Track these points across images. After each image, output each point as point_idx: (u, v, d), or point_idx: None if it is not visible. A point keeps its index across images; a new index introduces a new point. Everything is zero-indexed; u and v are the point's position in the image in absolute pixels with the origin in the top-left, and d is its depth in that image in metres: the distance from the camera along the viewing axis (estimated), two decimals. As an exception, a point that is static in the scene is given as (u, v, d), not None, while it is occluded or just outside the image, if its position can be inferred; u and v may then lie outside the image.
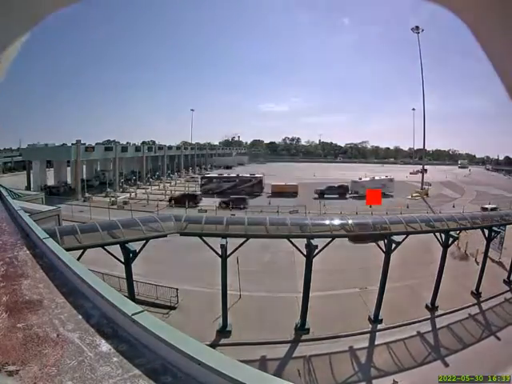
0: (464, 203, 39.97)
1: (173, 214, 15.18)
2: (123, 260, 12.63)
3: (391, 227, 15.12)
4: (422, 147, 63.29)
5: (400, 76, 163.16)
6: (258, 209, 33.22)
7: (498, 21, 1.52)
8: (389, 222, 15.45)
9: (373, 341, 13.90)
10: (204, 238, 13.82)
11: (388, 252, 14.89)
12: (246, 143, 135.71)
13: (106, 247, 12.23)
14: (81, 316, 3.14)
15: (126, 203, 37.12)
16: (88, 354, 2.57)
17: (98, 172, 55.20)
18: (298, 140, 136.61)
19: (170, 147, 70.49)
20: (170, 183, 54.23)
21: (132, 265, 12.82)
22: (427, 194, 47.33)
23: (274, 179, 51.54)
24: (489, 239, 17.93)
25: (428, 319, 15.45)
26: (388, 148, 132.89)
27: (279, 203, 35.20)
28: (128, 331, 2.82)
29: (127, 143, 63.65)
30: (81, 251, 11.10)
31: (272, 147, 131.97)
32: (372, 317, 14.99)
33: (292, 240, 14.08)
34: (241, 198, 37.97)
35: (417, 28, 54.90)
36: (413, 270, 19.03)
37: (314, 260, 14.04)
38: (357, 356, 12.96)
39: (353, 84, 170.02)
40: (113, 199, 38.97)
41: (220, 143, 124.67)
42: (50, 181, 47.03)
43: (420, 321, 15.17)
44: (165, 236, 13.57)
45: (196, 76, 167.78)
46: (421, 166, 59.51)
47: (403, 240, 14.88)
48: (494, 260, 20.49)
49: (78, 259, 8.98)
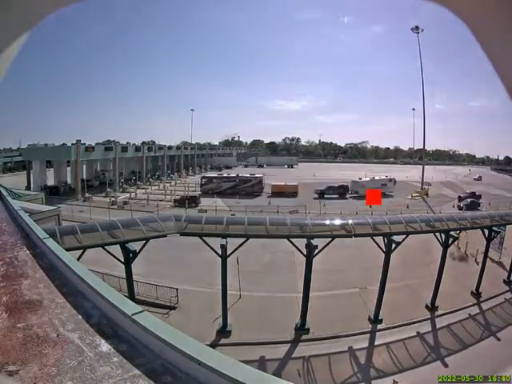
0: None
1: (173, 214, 15.18)
2: (123, 260, 12.64)
3: (391, 227, 15.10)
4: (422, 147, 63.25)
5: (400, 76, 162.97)
6: (258, 209, 33.20)
7: (498, 21, 1.52)
8: (389, 222, 15.43)
9: (373, 341, 13.90)
10: (204, 238, 13.83)
11: (388, 252, 14.90)
12: (246, 143, 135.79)
13: (106, 247, 12.23)
14: (81, 316, 3.14)
15: (126, 203, 37.10)
16: (88, 354, 2.57)
17: (98, 172, 55.17)
18: (298, 140, 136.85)
19: (170, 147, 70.40)
20: (170, 183, 54.21)
21: (132, 265, 12.83)
22: (427, 194, 47.33)
23: (275, 179, 51.53)
24: (489, 239, 17.94)
25: (428, 319, 15.46)
26: (388, 148, 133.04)
27: (279, 203, 35.22)
28: (128, 331, 2.82)
29: (127, 143, 63.56)
30: (81, 251, 11.11)
31: (272, 147, 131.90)
32: (372, 317, 15.00)
33: (292, 240, 14.08)
34: (193, 197, 38.72)
35: (417, 28, 54.88)
36: (413, 270, 19.03)
37: (314, 260, 14.05)
38: (357, 356, 12.96)
39: (359, 83, 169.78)
40: (113, 199, 38.97)
41: (220, 143, 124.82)
42: (50, 181, 47.00)
43: (420, 321, 15.17)
44: (165, 236, 13.57)
45: (196, 75, 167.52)
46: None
47: (403, 240, 14.88)
48: (494, 260, 20.50)
49: (78, 259, 8.98)
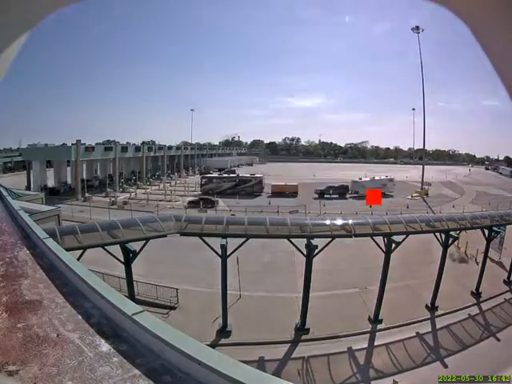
0: (464, 203, 39.99)
1: (173, 214, 15.19)
2: (123, 260, 12.64)
3: (391, 227, 15.11)
4: (422, 147, 63.19)
5: (400, 76, 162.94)
6: (258, 209, 33.20)
7: (498, 21, 1.52)
8: (389, 222, 15.44)
9: (372, 341, 13.90)
10: (204, 238, 13.82)
11: (388, 252, 14.90)
12: (246, 143, 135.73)
13: (106, 247, 12.23)
14: (81, 316, 3.14)
15: (126, 203, 37.08)
16: (88, 354, 2.57)
17: (97, 175, 55.08)
18: (298, 140, 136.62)
19: (170, 147, 70.29)
20: (170, 183, 54.19)
21: (132, 265, 12.83)
22: (427, 194, 47.33)
23: (274, 179, 51.51)
24: (489, 239, 17.94)
25: (428, 319, 15.46)
26: (388, 148, 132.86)
27: (279, 203, 35.21)
28: (128, 331, 2.82)
29: (127, 143, 63.39)
30: (81, 251, 11.11)
31: (272, 147, 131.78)
32: (372, 317, 15.00)
33: (292, 240, 14.08)
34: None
35: (417, 28, 54.94)
36: (413, 270, 19.03)
37: (314, 260, 14.04)
38: (357, 357, 12.96)
39: (359, 83, 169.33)
40: (113, 199, 38.98)
41: (220, 143, 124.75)
42: (50, 181, 47.00)
43: (420, 321, 15.17)
44: (165, 236, 13.56)
45: (197, 74, 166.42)
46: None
47: (403, 240, 14.88)
48: (494, 260, 20.50)
49: (78, 259, 8.97)
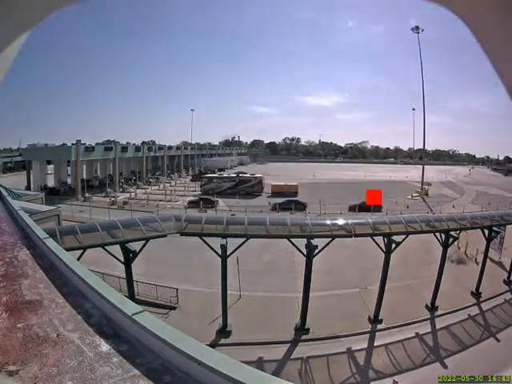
0: (464, 203, 39.99)
1: (173, 214, 15.18)
2: (123, 260, 12.63)
3: (391, 227, 15.10)
4: (422, 147, 63.24)
5: (400, 76, 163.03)
6: (258, 209, 33.20)
7: (498, 21, 1.52)
8: (389, 222, 15.44)
9: (372, 341, 13.89)
10: (204, 238, 13.82)
11: (388, 252, 14.89)
12: (246, 143, 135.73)
13: (106, 247, 12.23)
14: (81, 316, 3.14)
15: (126, 203, 37.10)
16: (88, 354, 2.57)
17: (97, 175, 55.05)
18: (298, 140, 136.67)
19: (170, 147, 70.35)
20: (170, 183, 54.20)
21: (132, 265, 12.83)
22: (427, 194, 47.34)
23: (274, 179, 51.50)
24: (489, 239, 17.93)
25: (428, 319, 15.46)
26: (388, 148, 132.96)
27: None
28: (128, 331, 2.82)
29: (127, 143, 63.43)
30: (81, 251, 11.10)
31: (272, 147, 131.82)
32: (372, 317, 15.00)
33: (292, 240, 14.08)
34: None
35: (417, 28, 54.98)
36: (413, 270, 19.02)
37: (314, 260, 14.04)
38: (357, 357, 12.95)
39: (359, 83, 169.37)
40: (113, 199, 38.99)
41: (220, 143, 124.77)
42: (50, 181, 47.00)
43: (420, 321, 15.17)
44: (165, 236, 13.56)
45: (197, 74, 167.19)
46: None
47: (403, 240, 14.88)
48: (494, 260, 20.50)
49: (78, 259, 8.97)
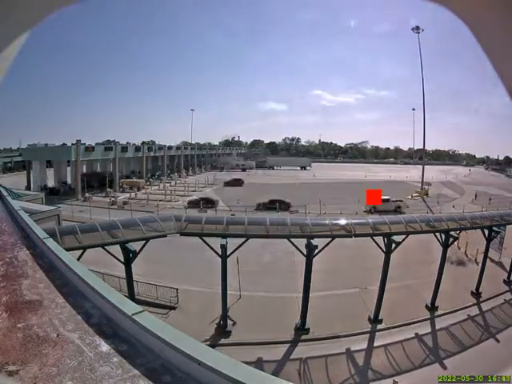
0: (464, 203, 39.98)
1: (173, 214, 15.18)
2: (123, 260, 12.63)
3: (391, 227, 15.09)
4: (422, 147, 63.22)
5: (400, 75, 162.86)
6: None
7: (498, 21, 1.52)
8: (389, 222, 15.42)
9: (372, 341, 13.89)
10: (204, 238, 13.82)
11: (388, 252, 14.89)
12: (246, 143, 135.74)
13: (106, 247, 12.23)
14: (81, 316, 3.14)
15: (126, 203, 37.11)
16: (88, 354, 2.57)
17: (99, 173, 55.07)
18: (298, 140, 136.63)
19: (170, 147, 70.27)
20: (170, 183, 54.20)
21: (132, 265, 12.82)
22: (427, 194, 47.34)
23: (274, 179, 51.55)
24: (489, 239, 17.92)
25: (428, 319, 15.45)
26: (388, 148, 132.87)
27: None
28: (128, 331, 2.82)
29: (127, 143, 63.42)
30: (81, 251, 11.10)
31: (272, 147, 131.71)
32: (372, 317, 14.99)
33: (292, 240, 14.08)
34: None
35: (417, 28, 54.96)
36: (413, 270, 19.01)
37: (314, 260, 14.03)
38: (357, 357, 12.93)
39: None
40: (113, 199, 38.99)
41: (220, 143, 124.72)
42: (50, 181, 46.99)
43: (420, 321, 15.16)
44: (165, 236, 13.56)
45: (197, 74, 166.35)
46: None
47: (403, 240, 14.87)
48: (494, 260, 20.49)
49: (78, 259, 8.97)
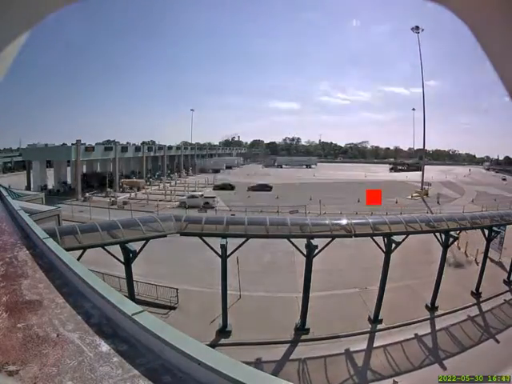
0: (464, 203, 39.99)
1: (173, 214, 15.18)
2: (123, 260, 12.63)
3: (391, 227, 15.09)
4: (422, 147, 63.16)
5: (400, 75, 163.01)
6: (258, 209, 33.20)
7: (498, 21, 1.51)
8: (389, 222, 15.42)
9: (373, 341, 13.88)
10: (204, 238, 13.81)
11: (388, 252, 14.89)
12: (246, 143, 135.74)
13: (106, 247, 12.22)
14: (81, 316, 3.14)
15: (126, 203, 37.10)
16: (88, 354, 2.57)
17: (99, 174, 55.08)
18: (298, 140, 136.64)
19: (170, 147, 70.31)
20: (170, 183, 54.20)
21: (132, 265, 12.82)
22: (427, 194, 47.35)
23: (273, 179, 51.57)
24: (489, 239, 17.92)
25: (428, 319, 15.45)
26: (388, 148, 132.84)
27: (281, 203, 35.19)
28: (128, 331, 2.82)
29: (127, 143, 63.40)
30: (81, 251, 11.10)
31: (272, 147, 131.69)
32: (372, 317, 14.99)
33: (292, 240, 14.07)
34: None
35: (417, 28, 54.94)
36: (413, 270, 19.02)
37: (314, 260, 14.03)
38: (357, 357, 12.93)
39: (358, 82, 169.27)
40: (113, 199, 38.99)
41: (220, 143, 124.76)
42: (50, 181, 46.97)
43: (420, 321, 15.15)
44: (165, 236, 13.56)
45: (197, 73, 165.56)
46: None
47: (403, 240, 14.87)
48: (494, 260, 20.49)
49: (78, 259, 8.97)
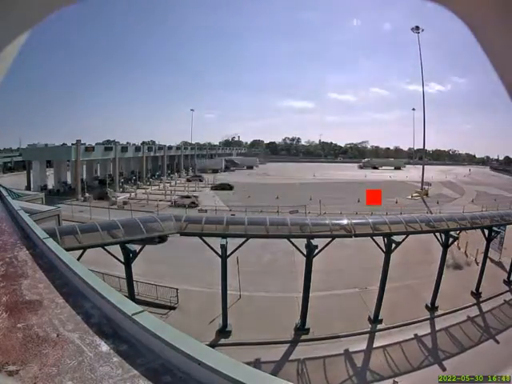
0: (464, 203, 39.99)
1: (173, 214, 15.18)
2: (123, 260, 12.63)
3: (391, 227, 15.09)
4: (422, 147, 63.16)
5: (400, 75, 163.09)
6: (258, 209, 33.18)
7: (498, 21, 1.51)
8: (389, 222, 15.42)
9: (372, 341, 13.88)
10: (204, 238, 13.82)
11: (388, 252, 14.89)
12: (246, 143, 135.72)
13: (106, 247, 12.23)
14: (81, 316, 3.14)
15: (126, 203, 37.09)
16: (88, 354, 2.57)
17: (97, 175, 55.12)
18: (299, 140, 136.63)
19: (170, 147, 70.37)
20: (170, 183, 54.20)
21: (132, 265, 12.82)
22: (427, 194, 47.36)
23: (273, 179, 51.59)
24: (489, 239, 17.92)
25: (428, 319, 15.44)
26: (388, 148, 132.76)
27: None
28: (128, 331, 2.82)
29: (127, 143, 63.38)
30: (81, 251, 11.11)
31: (272, 147, 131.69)
32: (372, 317, 14.99)
33: (292, 240, 14.07)
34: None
35: (417, 28, 54.94)
36: (413, 270, 19.02)
37: (314, 260, 14.04)
38: (356, 358, 12.92)
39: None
40: (113, 199, 39.00)
41: (220, 143, 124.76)
42: (50, 181, 46.97)
43: (420, 321, 15.15)
44: (165, 236, 13.56)
45: (197, 74, 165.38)
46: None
47: (403, 240, 14.87)
48: (494, 260, 20.48)
49: (78, 259, 8.97)
